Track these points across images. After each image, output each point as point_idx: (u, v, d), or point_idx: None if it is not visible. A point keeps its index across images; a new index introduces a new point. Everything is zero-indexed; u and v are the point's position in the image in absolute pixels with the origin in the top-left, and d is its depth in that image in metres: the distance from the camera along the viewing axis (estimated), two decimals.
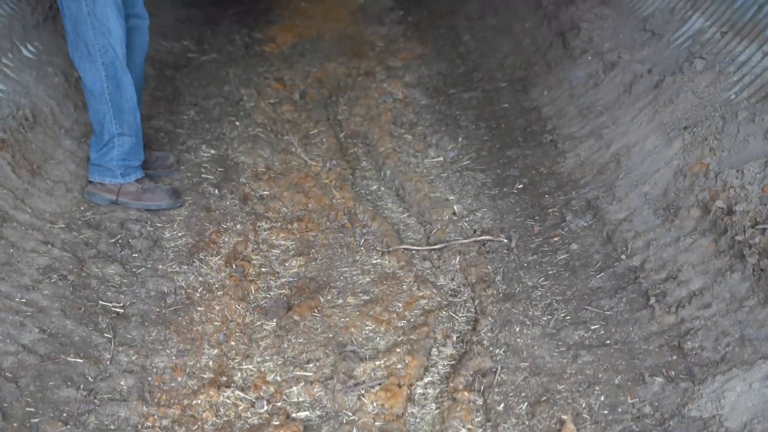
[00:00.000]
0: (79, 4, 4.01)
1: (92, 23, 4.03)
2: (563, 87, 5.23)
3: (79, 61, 4.14)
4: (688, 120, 4.16)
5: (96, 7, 4.01)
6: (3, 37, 4.77)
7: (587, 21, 5.52)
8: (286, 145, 5.12)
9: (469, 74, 5.99)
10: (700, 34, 4.69)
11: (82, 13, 4.02)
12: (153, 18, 5.03)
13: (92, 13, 4.01)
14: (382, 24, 7.20)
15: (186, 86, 5.76)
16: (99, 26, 4.03)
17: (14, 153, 4.16)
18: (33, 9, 5.13)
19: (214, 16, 7.19)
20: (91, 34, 4.05)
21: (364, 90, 5.79)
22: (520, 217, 4.21)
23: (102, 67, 4.10)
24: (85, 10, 4.01)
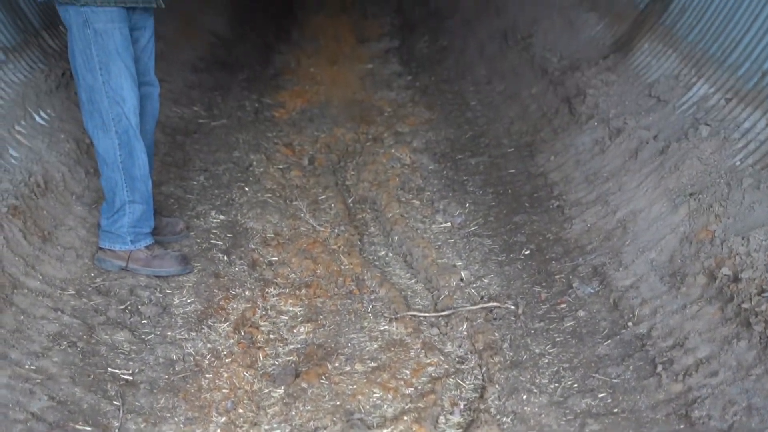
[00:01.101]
0: (94, 74, 4.09)
1: (107, 92, 4.10)
2: (570, 153, 5.28)
3: (93, 129, 4.20)
4: (693, 186, 4.19)
5: (111, 77, 4.08)
6: (16, 105, 4.84)
7: (593, 87, 5.58)
8: (295, 210, 5.16)
9: (476, 139, 6.05)
10: (704, 100, 4.74)
11: (98, 82, 4.09)
12: (164, 84, 5.11)
13: (107, 83, 4.09)
14: (390, 89, 7.27)
15: (196, 152, 5.82)
16: (113, 95, 4.10)
17: (26, 219, 4.20)
18: (46, 76, 5.21)
19: (224, 81, 7.28)
20: (106, 104, 4.12)
21: (372, 155, 5.84)
22: (527, 283, 4.23)
23: (116, 136, 4.16)
24: (101, 79, 4.09)
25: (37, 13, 5.60)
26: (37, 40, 5.48)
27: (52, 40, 5.63)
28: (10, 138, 4.63)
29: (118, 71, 4.08)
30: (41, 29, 5.60)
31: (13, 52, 5.15)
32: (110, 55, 4.07)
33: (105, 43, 4.06)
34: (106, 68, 4.08)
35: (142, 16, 4.29)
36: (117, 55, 4.08)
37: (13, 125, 4.73)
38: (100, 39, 4.06)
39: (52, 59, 5.42)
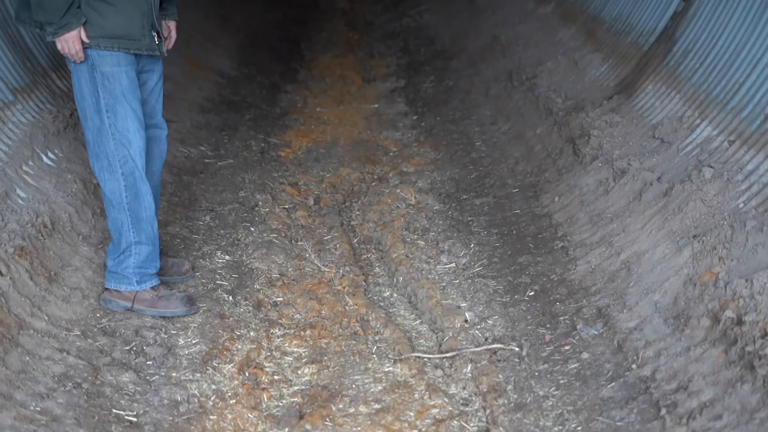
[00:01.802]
0: (101, 116, 4.13)
1: (113, 135, 4.14)
2: (574, 193, 5.30)
3: (99, 171, 4.24)
4: (697, 228, 4.20)
5: (117, 119, 4.13)
6: (24, 145, 4.88)
7: (597, 128, 5.62)
8: (300, 251, 5.19)
9: (481, 180, 6.07)
10: (708, 142, 4.77)
11: (104, 125, 4.14)
12: (171, 124, 5.15)
13: (113, 125, 4.13)
14: (395, 129, 7.31)
15: (202, 192, 5.85)
16: (120, 138, 4.15)
17: (32, 260, 4.23)
18: (54, 117, 5.25)
19: (231, 121, 7.32)
20: (112, 146, 4.16)
21: (377, 195, 5.86)
22: (531, 324, 4.24)
23: (122, 178, 4.20)
24: (107, 122, 4.13)
25: (45, 54, 5.65)
26: (46, 80, 5.53)
27: (61, 81, 5.68)
28: (17, 178, 4.66)
29: (125, 114, 4.13)
30: (50, 70, 5.65)
31: (22, 93, 5.19)
32: (117, 98, 4.11)
33: (112, 86, 4.11)
34: (112, 111, 4.12)
35: (150, 59, 4.34)
36: (123, 98, 4.12)
37: (20, 165, 4.76)
38: (106, 82, 4.11)
39: (61, 100, 5.47)
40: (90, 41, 4.05)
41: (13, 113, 5.01)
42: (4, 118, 4.91)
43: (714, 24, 5.29)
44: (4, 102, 5.00)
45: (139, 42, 4.17)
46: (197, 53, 8.50)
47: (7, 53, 5.22)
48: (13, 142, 4.84)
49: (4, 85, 5.07)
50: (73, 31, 3.99)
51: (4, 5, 5.38)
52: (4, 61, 5.16)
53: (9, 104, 5.03)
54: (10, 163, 4.70)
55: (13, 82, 5.16)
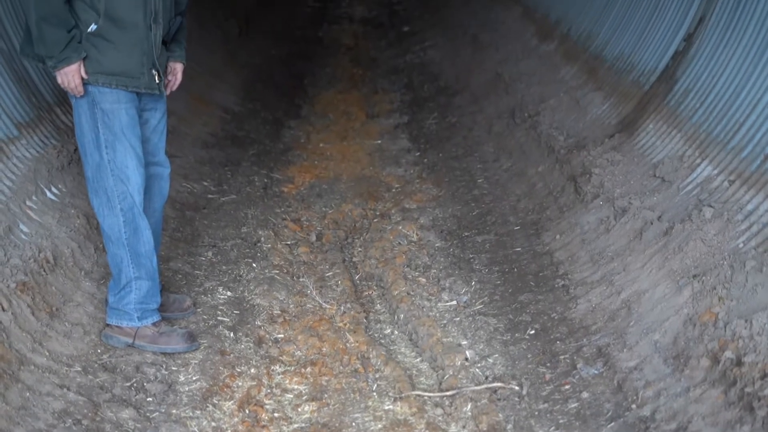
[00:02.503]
0: (100, 152, 4.16)
1: (112, 171, 4.17)
2: (575, 232, 5.31)
3: (98, 207, 4.27)
4: (697, 268, 4.21)
5: (116, 156, 4.16)
6: (28, 180, 4.91)
7: (599, 166, 5.64)
8: (302, 287, 5.20)
9: (482, 217, 6.08)
10: (708, 182, 4.78)
11: (103, 160, 4.17)
12: (174, 159, 5.18)
13: (112, 161, 4.16)
14: (398, 165, 7.34)
15: (205, 227, 5.87)
16: (119, 174, 4.17)
17: (34, 295, 4.24)
18: (58, 152, 5.28)
19: (234, 157, 7.36)
20: (111, 182, 4.19)
21: (379, 232, 5.88)
22: (531, 363, 4.24)
23: (120, 213, 4.22)
24: (106, 158, 4.16)
25: (50, 89, 5.69)
26: (50, 115, 5.57)
27: (65, 116, 5.71)
28: (21, 213, 4.69)
29: (124, 150, 4.16)
30: (54, 105, 5.68)
31: (27, 128, 5.23)
32: (116, 135, 4.15)
33: (111, 123, 4.14)
34: (111, 147, 4.15)
35: (152, 97, 4.37)
36: (123, 135, 4.15)
37: (24, 200, 4.79)
38: (106, 118, 4.14)
39: (65, 135, 5.50)
40: (89, 77, 4.08)
41: (18, 148, 5.04)
42: (9, 153, 4.94)
43: (714, 64, 5.32)
44: (9, 137, 5.03)
45: (137, 80, 4.20)
46: (202, 89, 8.55)
47: (13, 88, 5.26)
48: (17, 177, 4.87)
49: (9, 120, 5.10)
50: (72, 65, 4.03)
51: (10, 41, 5.43)
52: (10, 96, 5.19)
53: (13, 139, 5.06)
54: (13, 198, 4.73)
55: (18, 117, 5.20)
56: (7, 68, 5.27)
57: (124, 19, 4.09)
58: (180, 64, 4.60)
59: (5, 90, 5.17)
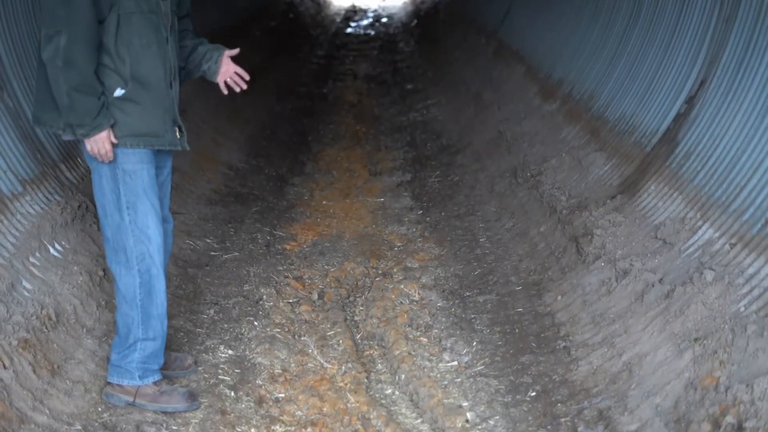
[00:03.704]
0: (121, 213, 4.19)
1: (133, 231, 4.20)
2: (577, 293, 5.32)
3: (116, 266, 4.29)
4: (698, 332, 4.22)
5: (138, 216, 4.19)
6: (31, 237, 4.94)
7: (601, 227, 5.66)
8: (303, 346, 5.19)
9: (484, 277, 6.09)
10: (709, 244, 4.80)
11: (124, 221, 4.19)
12: (178, 216, 5.21)
13: (134, 222, 4.19)
14: (401, 223, 7.35)
15: (207, 285, 5.89)
16: (139, 235, 4.21)
17: (36, 353, 4.25)
18: (62, 209, 5.32)
19: (237, 213, 7.39)
20: (131, 242, 4.21)
21: (381, 291, 5.88)
22: (532, 426, 4.22)
23: (137, 274, 4.25)
24: (127, 218, 4.19)
25: (55, 146, 5.74)
26: (55, 171, 5.61)
27: (70, 172, 5.76)
28: (24, 270, 4.71)
29: (145, 211, 4.19)
30: (59, 161, 5.73)
31: (31, 184, 5.27)
32: (138, 195, 4.18)
33: (134, 184, 4.17)
34: (133, 208, 4.18)
35: (164, 155, 4.42)
36: (144, 195, 4.19)
37: (27, 257, 4.82)
38: (128, 179, 4.17)
39: (69, 191, 5.54)
40: (118, 141, 4.13)
41: (22, 204, 5.08)
42: (13, 209, 4.98)
43: (716, 127, 5.36)
44: (14, 193, 5.07)
45: (162, 138, 4.25)
46: (207, 145, 8.61)
47: (18, 145, 5.31)
48: (21, 234, 4.90)
49: (14, 177, 5.15)
50: (104, 131, 4.06)
51: (17, 98, 5.49)
52: (15, 153, 5.24)
53: (18, 195, 5.10)
54: (17, 254, 4.75)
55: (22, 174, 5.24)
56: (12, 125, 5.33)
57: (148, 79, 4.15)
58: (223, 51, 4.63)
59: (11, 146, 5.23)
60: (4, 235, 4.79)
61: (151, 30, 4.15)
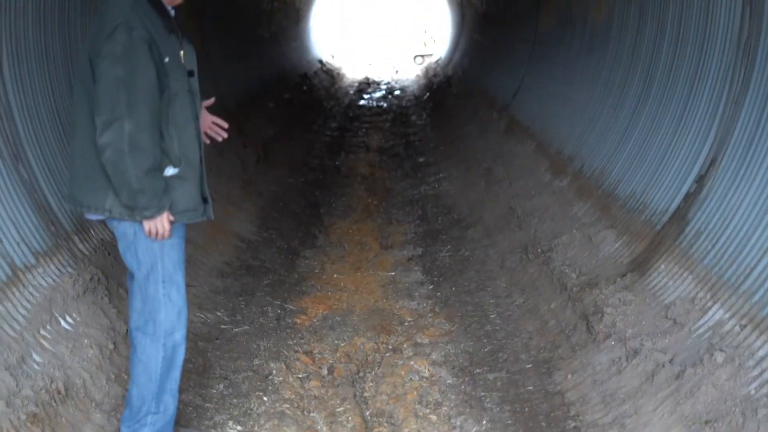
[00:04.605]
0: (156, 287, 4.24)
1: (166, 305, 4.25)
2: (587, 372, 5.30)
3: (142, 336, 4.31)
4: (709, 414, 4.20)
5: (173, 289, 4.25)
6: (43, 309, 4.96)
7: (611, 306, 5.65)
8: (312, 422, 5.17)
9: (494, 354, 6.07)
10: (719, 325, 4.79)
11: (159, 293, 4.24)
12: (189, 288, 5.23)
13: (168, 296, 4.24)
14: (411, 298, 7.35)
15: (217, 358, 5.88)
16: (172, 309, 4.26)
17: (44, 427, 4.26)
18: (74, 281, 5.35)
19: (249, 286, 7.40)
20: (163, 315, 4.26)
21: (391, 367, 5.87)
22: None
23: (162, 348, 4.28)
24: (162, 291, 4.24)
25: (69, 218, 5.79)
26: (68, 243, 5.65)
27: (83, 244, 5.80)
28: (34, 343, 4.73)
29: (180, 284, 4.28)
30: (72, 233, 5.78)
31: (44, 256, 5.31)
32: (175, 268, 4.26)
33: (172, 257, 4.25)
34: (170, 281, 4.24)
35: None
36: (179, 268, 4.28)
37: (38, 330, 4.84)
38: (168, 253, 4.23)
39: (82, 263, 5.57)
40: (174, 218, 4.20)
41: (34, 276, 5.12)
42: (25, 281, 5.01)
43: (726, 206, 5.38)
44: (26, 265, 5.11)
45: (196, 211, 4.34)
46: (219, 217, 8.61)
47: (32, 216, 5.36)
48: (32, 306, 4.93)
49: (27, 248, 5.19)
50: (165, 211, 4.13)
51: (32, 170, 5.55)
52: (29, 224, 5.30)
53: (30, 267, 5.14)
54: (28, 327, 4.78)
55: (35, 246, 5.29)
56: (27, 196, 5.39)
57: (191, 157, 4.25)
58: None
59: (24, 218, 5.28)
60: (16, 307, 4.82)
61: (189, 108, 4.25)
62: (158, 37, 4.08)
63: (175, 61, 4.18)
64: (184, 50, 4.30)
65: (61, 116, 6.06)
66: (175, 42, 4.23)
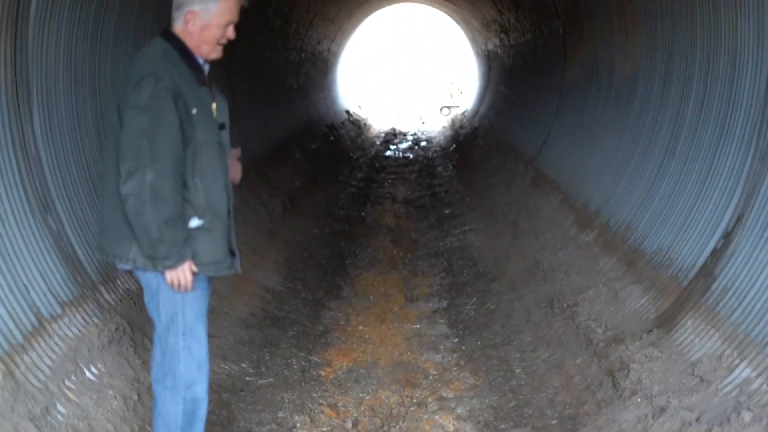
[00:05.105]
0: (176, 338, 4.24)
1: (185, 358, 4.24)
2: (612, 429, 5.25)
3: (162, 390, 4.32)
4: None
5: (194, 342, 4.25)
6: (68, 360, 4.98)
7: (637, 362, 5.61)
8: None
9: (519, 409, 6.03)
10: (747, 383, 4.75)
11: (179, 346, 4.24)
12: (213, 339, 5.24)
13: (188, 348, 4.24)
14: (436, 351, 7.33)
15: (241, 411, 5.87)
16: (192, 361, 4.26)
17: None
18: (99, 331, 5.37)
19: (273, 337, 7.40)
20: (182, 368, 4.26)
21: (415, 421, 5.84)
22: None
23: (182, 401, 4.28)
24: (182, 344, 4.24)
25: (95, 268, 5.82)
26: (94, 293, 5.68)
27: (109, 294, 5.83)
28: (59, 393, 4.74)
29: (201, 337, 4.27)
30: (99, 283, 5.81)
31: (70, 306, 5.34)
32: (197, 321, 4.26)
33: (193, 310, 4.25)
34: (191, 333, 4.24)
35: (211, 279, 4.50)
36: (201, 321, 4.28)
37: (63, 380, 4.85)
38: (188, 305, 4.24)
39: (107, 313, 5.59)
40: (197, 270, 4.22)
41: (60, 326, 5.14)
42: (51, 331, 5.04)
43: (753, 263, 5.35)
44: (52, 315, 5.14)
45: (222, 264, 4.34)
46: (244, 267, 8.56)
47: (59, 266, 5.40)
48: (57, 356, 4.95)
49: (54, 299, 5.22)
50: (187, 262, 4.15)
51: (59, 220, 5.59)
52: (55, 275, 5.33)
53: (56, 317, 5.17)
54: (53, 377, 4.79)
55: (62, 296, 5.31)
56: (55, 247, 5.43)
57: (218, 209, 4.27)
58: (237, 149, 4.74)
59: (51, 268, 5.31)
60: (41, 357, 4.83)
61: (217, 160, 4.28)
62: (186, 89, 4.12)
63: (205, 113, 4.22)
64: (216, 103, 4.34)
65: (90, 167, 6.12)
66: (206, 94, 4.27)
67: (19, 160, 5.23)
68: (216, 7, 4.23)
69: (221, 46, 4.32)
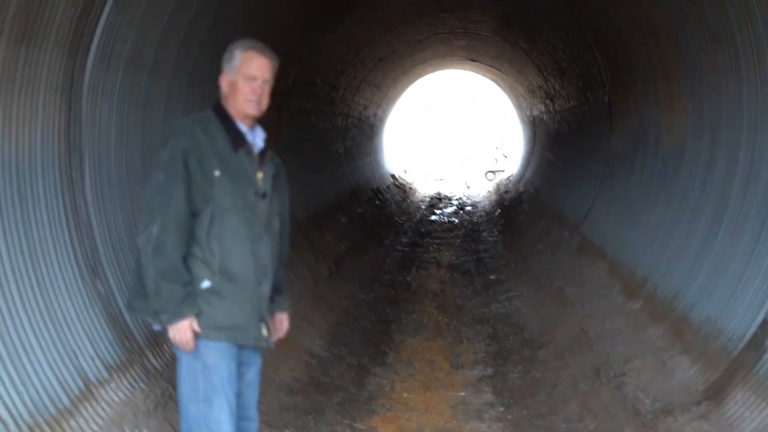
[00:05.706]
0: (196, 406, 4.24)
1: (207, 425, 4.23)
2: None
3: None
4: None
5: (211, 410, 4.23)
6: (114, 425, 5.00)
7: None
8: None
9: None
10: None
11: (199, 413, 4.24)
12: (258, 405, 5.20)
13: (207, 416, 4.23)
14: (481, 420, 7.27)
15: None
16: (212, 429, 4.22)
17: None
18: (146, 396, 5.38)
19: (318, 404, 7.37)
20: None
21: None
22: None
23: None
24: (202, 411, 4.23)
25: (142, 332, 5.85)
26: (141, 358, 5.70)
27: (156, 359, 5.85)
28: None
29: (220, 406, 4.23)
30: (146, 348, 5.84)
31: (117, 371, 5.36)
32: (215, 390, 4.23)
33: (211, 377, 4.23)
34: (208, 401, 4.23)
35: (251, 352, 4.49)
36: (221, 390, 4.24)
37: None
38: (207, 372, 4.24)
39: (154, 378, 5.61)
40: (201, 331, 4.22)
41: (107, 391, 5.16)
42: (98, 396, 5.06)
43: None
44: (99, 380, 5.17)
45: (246, 333, 4.33)
46: (290, 332, 8.61)
47: (107, 330, 5.44)
48: (104, 422, 4.97)
49: (101, 363, 5.25)
50: (185, 320, 4.16)
51: (109, 286, 5.65)
52: (103, 339, 5.37)
53: (103, 382, 5.19)
54: None
55: (109, 360, 5.34)
56: (103, 311, 5.47)
57: (238, 274, 4.26)
58: (286, 314, 4.73)
59: (100, 333, 5.36)
60: (88, 422, 4.86)
61: (244, 226, 4.29)
62: (212, 150, 4.19)
63: (234, 178, 4.26)
64: (263, 172, 4.38)
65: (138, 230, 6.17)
66: (245, 159, 4.31)
67: (70, 225, 5.31)
68: (238, 61, 4.35)
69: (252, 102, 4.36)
